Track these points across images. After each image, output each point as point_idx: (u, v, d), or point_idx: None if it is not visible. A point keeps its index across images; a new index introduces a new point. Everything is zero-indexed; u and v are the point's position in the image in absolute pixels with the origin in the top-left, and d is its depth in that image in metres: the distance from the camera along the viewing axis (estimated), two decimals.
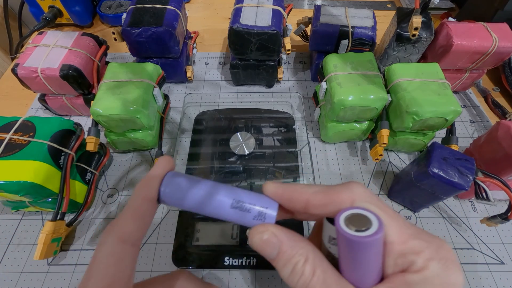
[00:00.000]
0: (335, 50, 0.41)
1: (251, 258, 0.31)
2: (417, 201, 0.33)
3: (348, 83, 0.33)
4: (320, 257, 0.15)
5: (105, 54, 0.39)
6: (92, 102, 0.32)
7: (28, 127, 0.30)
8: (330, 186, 0.16)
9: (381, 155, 0.34)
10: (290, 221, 0.21)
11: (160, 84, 0.37)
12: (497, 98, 0.45)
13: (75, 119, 0.40)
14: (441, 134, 0.36)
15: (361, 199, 0.14)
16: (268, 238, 0.15)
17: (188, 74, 0.45)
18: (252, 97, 0.45)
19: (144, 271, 0.31)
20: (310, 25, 0.43)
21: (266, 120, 0.40)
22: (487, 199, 0.28)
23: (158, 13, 0.38)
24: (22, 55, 0.35)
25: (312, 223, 0.33)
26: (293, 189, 0.16)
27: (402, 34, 0.38)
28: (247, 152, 0.36)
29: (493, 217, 0.29)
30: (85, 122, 0.42)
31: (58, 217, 0.29)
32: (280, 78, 0.45)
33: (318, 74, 0.39)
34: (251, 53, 0.39)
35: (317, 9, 0.42)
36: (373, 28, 0.39)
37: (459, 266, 0.13)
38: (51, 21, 0.51)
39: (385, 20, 0.53)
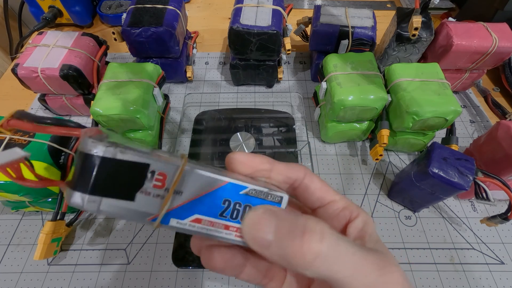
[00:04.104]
0: (335, 50, 0.41)
1: None
2: (417, 201, 0.33)
3: (348, 83, 0.33)
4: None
5: (105, 54, 0.39)
6: (92, 102, 0.32)
7: None
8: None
9: (381, 155, 0.34)
10: None
11: (160, 84, 0.37)
12: (497, 98, 0.45)
13: (75, 119, 0.40)
14: (441, 134, 0.36)
15: (310, 173, 0.16)
16: (263, 211, 0.13)
17: (188, 74, 0.45)
18: (252, 97, 0.45)
19: (144, 271, 0.31)
20: (310, 25, 0.43)
21: (266, 120, 0.40)
22: (487, 199, 0.28)
23: (158, 13, 0.38)
24: (22, 55, 0.35)
25: None
26: (257, 158, 0.16)
27: (402, 34, 0.38)
28: (247, 152, 0.36)
29: (493, 217, 0.29)
30: (85, 122, 0.42)
31: (58, 217, 0.29)
32: (280, 78, 0.45)
33: (318, 74, 0.39)
34: (251, 53, 0.39)
35: (317, 9, 0.42)
36: (373, 28, 0.39)
37: None
38: (51, 21, 0.51)
39: (385, 20, 0.53)
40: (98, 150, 0.11)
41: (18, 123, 0.12)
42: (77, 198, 0.11)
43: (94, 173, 0.11)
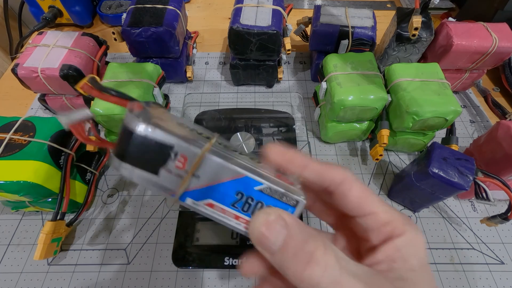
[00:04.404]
0: (335, 50, 0.41)
1: None
2: (417, 201, 0.33)
3: (348, 83, 0.33)
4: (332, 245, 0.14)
5: (105, 54, 0.39)
6: (92, 102, 0.32)
7: (28, 127, 0.30)
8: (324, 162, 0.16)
9: (381, 155, 0.34)
10: None
11: (160, 84, 0.37)
12: (497, 98, 0.45)
13: None
14: (441, 134, 0.36)
15: (351, 177, 0.15)
16: (274, 219, 0.13)
17: (188, 74, 0.45)
18: (252, 97, 0.45)
19: (144, 271, 0.31)
20: (310, 25, 0.43)
21: (266, 120, 0.40)
22: (487, 199, 0.28)
23: (158, 13, 0.38)
24: (22, 55, 0.35)
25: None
26: (295, 152, 0.16)
27: (402, 34, 0.38)
28: (247, 152, 0.36)
29: (493, 217, 0.29)
30: None
31: (58, 217, 0.29)
32: (280, 78, 0.45)
33: (318, 74, 0.39)
34: (251, 53, 0.39)
35: (317, 9, 0.42)
36: (373, 28, 0.39)
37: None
38: (51, 21, 0.51)
39: (385, 20, 0.53)
40: (133, 126, 0.12)
41: (88, 87, 0.14)
42: (116, 163, 0.13)
43: (128, 145, 0.13)
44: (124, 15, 0.39)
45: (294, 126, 0.40)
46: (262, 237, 0.13)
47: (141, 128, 0.12)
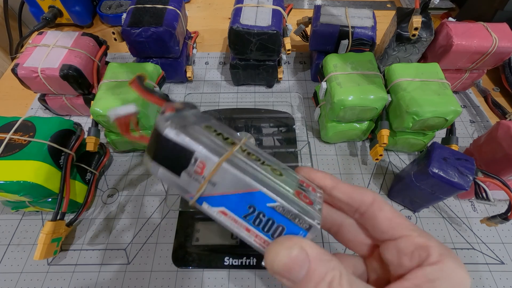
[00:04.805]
0: (335, 50, 0.41)
1: (251, 258, 0.31)
2: (417, 201, 0.33)
3: (348, 83, 0.33)
4: (347, 271, 0.13)
5: (105, 54, 0.39)
6: (92, 102, 0.32)
7: (28, 127, 0.30)
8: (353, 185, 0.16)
9: (381, 155, 0.34)
10: None
11: (160, 84, 0.37)
12: (497, 98, 0.45)
13: (75, 119, 0.40)
14: (441, 134, 0.36)
15: (380, 200, 0.15)
16: (297, 255, 0.12)
17: (188, 74, 0.45)
18: (252, 97, 0.45)
19: (144, 271, 0.31)
20: (310, 25, 0.43)
21: (266, 120, 0.40)
22: (487, 199, 0.28)
23: (158, 13, 0.38)
24: (22, 55, 0.35)
25: None
26: (325, 173, 0.16)
27: (402, 34, 0.38)
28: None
29: (493, 217, 0.29)
30: (85, 122, 0.42)
31: (58, 217, 0.29)
32: (280, 78, 0.45)
33: (318, 74, 0.39)
34: (251, 53, 0.39)
35: (317, 9, 0.42)
36: (373, 28, 0.39)
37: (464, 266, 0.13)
38: (51, 21, 0.51)
39: (385, 20, 0.53)
40: (162, 128, 0.14)
41: (136, 84, 0.16)
42: (146, 160, 0.14)
43: (155, 145, 0.14)
44: (124, 15, 0.39)
45: (294, 126, 0.40)
46: (287, 272, 0.13)
47: (167, 132, 0.13)
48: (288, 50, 0.38)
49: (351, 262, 0.17)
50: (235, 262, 0.30)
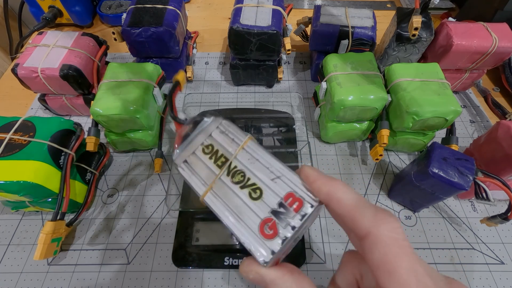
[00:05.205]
0: (335, 50, 0.41)
1: None
2: (417, 201, 0.33)
3: (348, 83, 0.33)
4: None
5: (105, 54, 0.39)
6: (92, 102, 0.32)
7: (28, 127, 0.30)
8: (362, 201, 0.15)
9: (381, 155, 0.34)
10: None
11: (160, 84, 0.37)
12: (497, 98, 0.45)
13: (75, 119, 0.40)
14: (441, 134, 0.36)
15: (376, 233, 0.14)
16: (253, 278, 0.15)
17: (188, 74, 0.45)
18: (252, 97, 0.45)
19: (144, 271, 0.31)
20: (310, 25, 0.43)
21: (266, 120, 0.40)
22: (487, 199, 0.28)
23: (158, 13, 0.38)
24: (22, 55, 0.35)
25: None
26: (330, 178, 0.16)
27: (402, 34, 0.38)
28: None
29: (493, 217, 0.29)
30: (85, 122, 0.42)
31: (58, 217, 0.29)
32: (280, 78, 0.45)
33: (318, 74, 0.39)
34: (251, 53, 0.39)
35: (317, 9, 0.42)
36: (373, 28, 0.39)
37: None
38: (51, 21, 0.51)
39: (385, 20, 0.53)
40: (174, 162, 0.19)
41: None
42: (175, 154, 0.18)
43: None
44: (124, 15, 0.39)
45: (294, 126, 0.40)
46: (253, 283, 0.16)
47: (177, 167, 0.18)
48: (288, 50, 0.38)
49: None
50: (235, 262, 0.30)
